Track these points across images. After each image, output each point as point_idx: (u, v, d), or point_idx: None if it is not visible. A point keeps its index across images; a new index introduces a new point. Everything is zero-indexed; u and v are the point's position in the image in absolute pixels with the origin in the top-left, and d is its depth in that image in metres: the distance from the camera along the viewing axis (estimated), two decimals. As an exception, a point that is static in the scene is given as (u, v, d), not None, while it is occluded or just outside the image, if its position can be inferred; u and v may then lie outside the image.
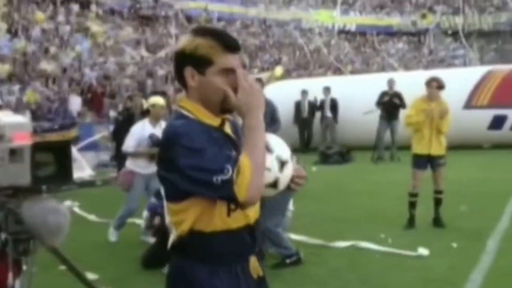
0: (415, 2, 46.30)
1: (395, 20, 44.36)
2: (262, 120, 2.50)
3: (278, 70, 32.15)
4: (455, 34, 42.97)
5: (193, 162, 2.40)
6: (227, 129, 2.71)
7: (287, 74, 32.29)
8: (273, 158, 2.69)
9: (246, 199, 2.38)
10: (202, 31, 2.64)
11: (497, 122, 19.56)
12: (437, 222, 9.67)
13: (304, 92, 22.20)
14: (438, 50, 42.50)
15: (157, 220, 7.99)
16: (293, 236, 8.86)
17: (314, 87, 22.23)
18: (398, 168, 16.21)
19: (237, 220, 2.62)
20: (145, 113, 15.95)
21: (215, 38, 2.59)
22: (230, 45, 2.61)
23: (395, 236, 9.01)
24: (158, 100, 9.97)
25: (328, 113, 21.72)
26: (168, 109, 15.22)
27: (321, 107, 21.99)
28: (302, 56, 38.48)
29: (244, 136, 2.49)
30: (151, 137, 9.53)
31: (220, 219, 2.58)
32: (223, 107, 2.61)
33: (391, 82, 18.98)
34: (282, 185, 2.77)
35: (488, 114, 19.70)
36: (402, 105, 17.99)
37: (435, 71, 21.42)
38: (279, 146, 2.78)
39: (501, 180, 13.68)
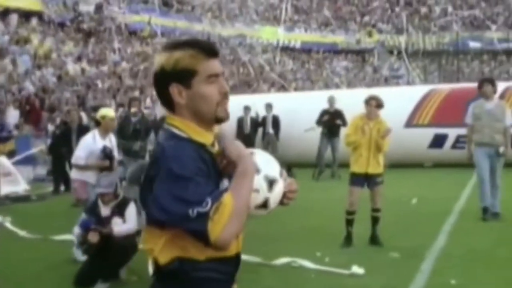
0: (359, 20, 46.87)
1: (339, 38, 44.81)
2: (252, 167, 2.45)
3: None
4: (399, 53, 43.58)
5: (175, 190, 2.28)
6: (215, 149, 2.55)
7: (230, 90, 32.25)
8: (261, 178, 2.56)
9: (218, 239, 2.25)
10: (177, 44, 2.55)
11: (438, 141, 19.83)
12: (374, 240, 9.71)
13: (247, 108, 22.17)
14: (382, 69, 43.04)
15: (91, 237, 7.83)
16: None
17: (257, 103, 22.25)
18: (338, 185, 16.26)
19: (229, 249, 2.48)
20: (82, 128, 15.86)
21: (193, 47, 2.51)
22: (210, 50, 2.54)
23: (331, 254, 9.01)
24: (108, 112, 9.88)
25: (270, 130, 21.73)
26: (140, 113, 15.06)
27: (263, 123, 22.01)
28: (246, 72, 38.55)
29: (233, 179, 2.39)
30: (104, 150, 9.42)
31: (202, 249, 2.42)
32: (218, 116, 2.52)
33: (331, 100, 19.10)
34: (273, 204, 2.65)
35: (429, 133, 19.97)
36: (343, 123, 18.10)
37: (378, 89, 21.71)
38: (267, 164, 2.65)
39: (440, 199, 13.84)
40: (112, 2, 38.97)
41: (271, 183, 2.60)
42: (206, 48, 2.52)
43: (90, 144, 9.53)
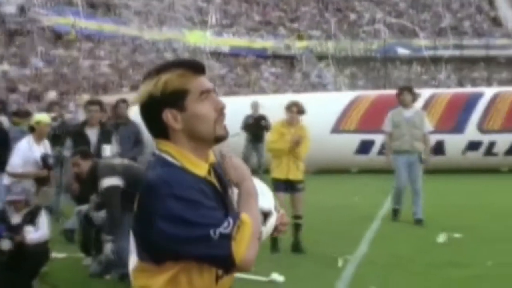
0: (289, 26, 47.10)
1: (268, 43, 44.94)
2: (255, 188, 2.37)
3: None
4: (327, 59, 43.95)
5: (187, 215, 2.13)
6: (213, 179, 2.41)
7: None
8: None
9: (244, 259, 2.12)
10: (160, 68, 2.41)
11: (364, 147, 20.00)
12: (296, 247, 9.67)
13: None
14: (310, 74, 43.32)
15: (3, 244, 7.58)
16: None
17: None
18: (264, 192, 16.24)
19: (223, 286, 2.38)
20: (1, 133, 15.39)
21: (180, 66, 2.38)
22: (197, 67, 2.41)
23: (253, 261, 8.93)
24: (43, 117, 9.67)
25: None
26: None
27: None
28: (173, 76, 38.24)
29: (240, 201, 2.31)
30: (44, 158, 9.19)
31: (208, 286, 2.31)
32: (217, 135, 2.38)
33: (255, 105, 19.09)
34: (265, 236, 2.57)
35: (355, 139, 20.12)
36: (267, 128, 18.05)
37: (305, 95, 21.84)
38: (262, 196, 2.53)
39: (365, 205, 13.94)
40: (36, 3, 38.19)
41: (265, 216, 2.55)
42: (193, 66, 2.41)
43: (25, 151, 9.31)
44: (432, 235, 10.62)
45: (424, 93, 20.63)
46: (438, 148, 18.79)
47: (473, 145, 19.59)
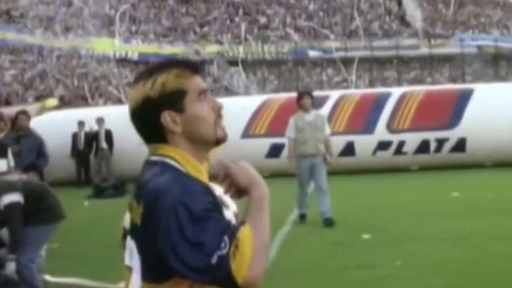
0: (199, 31, 46.93)
1: (178, 49, 44.65)
2: (267, 189, 2.25)
3: (51, 101, 31.24)
4: (238, 63, 43.95)
5: (192, 235, 2.02)
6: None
7: (64, 104, 31.40)
8: (230, 214, 2.30)
9: (247, 278, 2.01)
10: (155, 68, 2.30)
11: (275, 151, 20.00)
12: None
13: (81, 123, 21.61)
14: (222, 79, 43.25)
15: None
16: (49, 278, 8.40)
17: (91, 117, 21.72)
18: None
19: None
20: None
21: (175, 66, 2.29)
22: (194, 67, 2.32)
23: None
24: None
25: (103, 145, 21.25)
26: None
27: (96, 138, 21.49)
28: (80, 85, 37.62)
29: (250, 210, 2.17)
30: None
31: None
32: (218, 137, 2.30)
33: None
34: None
35: (266, 143, 20.10)
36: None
37: (222, 99, 21.64)
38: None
39: (275, 209, 13.71)
40: None
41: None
42: (189, 65, 2.33)
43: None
44: (342, 237, 10.64)
45: (333, 94, 20.83)
46: (348, 149, 18.98)
47: (382, 145, 19.86)
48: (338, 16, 49.16)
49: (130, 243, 2.23)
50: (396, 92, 21.44)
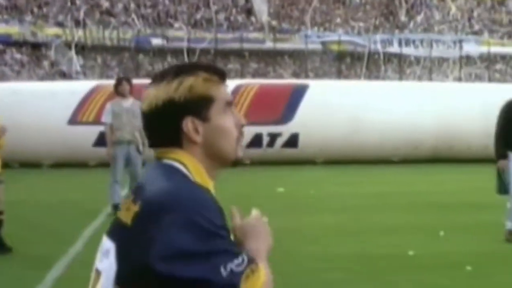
0: (37, 12, 45.42)
1: (13, 29, 43.03)
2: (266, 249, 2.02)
3: None
4: (77, 47, 42.91)
5: (203, 246, 1.80)
6: None
7: None
8: None
9: None
10: (180, 69, 2.07)
11: (103, 139, 19.36)
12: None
13: None
14: (59, 63, 42.07)
15: None
16: None
17: None
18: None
19: None
20: None
21: (204, 69, 2.05)
22: (222, 73, 2.10)
23: None
24: None
25: None
26: None
27: None
28: None
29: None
30: None
31: None
32: (237, 156, 2.08)
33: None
34: None
35: (93, 130, 19.49)
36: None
37: (49, 83, 20.94)
38: None
39: (90, 200, 13.44)
40: None
41: None
42: (217, 71, 2.09)
43: None
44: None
45: (230, 83, 20.62)
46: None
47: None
48: (184, 5, 48.96)
49: (106, 244, 2.00)
50: (230, 84, 21.21)
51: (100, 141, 19.49)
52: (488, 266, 8.54)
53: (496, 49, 44.61)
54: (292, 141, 20.11)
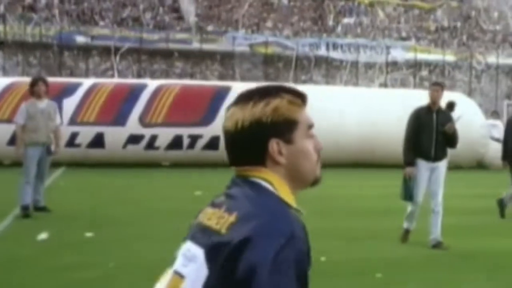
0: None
1: None
2: None
3: None
4: (-1, 44, 41.98)
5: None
6: None
7: None
8: None
9: None
10: (266, 90, 2.15)
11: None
12: None
13: None
14: (-23, 59, 41.12)
15: None
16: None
17: None
18: None
19: None
20: None
21: (288, 92, 2.13)
22: (305, 97, 2.17)
23: None
24: None
25: None
26: None
27: None
28: None
29: None
30: None
31: None
32: (317, 176, 2.17)
33: None
34: None
35: (8, 129, 18.85)
36: None
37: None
38: None
39: None
40: None
41: None
42: (300, 95, 2.16)
43: None
44: (64, 234, 10.17)
45: (86, 82, 20.23)
46: (98, 141, 18.48)
47: (134, 139, 19.50)
48: (109, 3, 48.42)
49: (192, 249, 2.06)
50: (152, 84, 21.15)
51: (14, 140, 19.08)
52: (399, 273, 8.57)
53: (422, 56, 45.37)
54: (213, 143, 19.96)
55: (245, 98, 2.17)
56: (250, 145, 2.13)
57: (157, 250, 9.30)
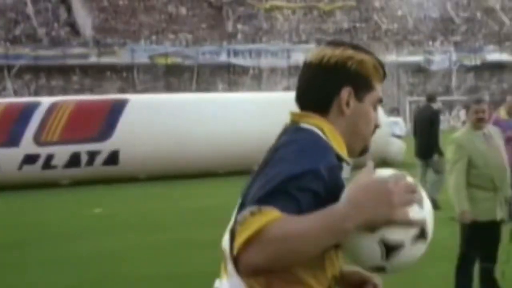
0: None
1: None
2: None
3: None
4: None
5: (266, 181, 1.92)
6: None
7: None
8: (374, 242, 1.90)
9: (238, 258, 1.83)
10: (360, 48, 2.21)
11: None
12: None
13: None
14: None
15: None
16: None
17: None
18: None
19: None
20: None
21: (376, 60, 2.20)
22: (385, 74, 2.26)
23: None
24: None
25: None
26: None
27: None
28: None
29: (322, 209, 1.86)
30: None
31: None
32: (367, 145, 2.22)
33: None
34: (393, 272, 1.97)
35: None
36: None
37: None
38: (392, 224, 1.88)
39: None
40: None
41: (389, 249, 1.91)
42: (384, 70, 2.24)
43: None
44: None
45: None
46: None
47: (29, 159, 19.02)
48: (1, 20, 47.36)
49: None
50: (45, 102, 20.66)
51: None
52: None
53: (323, 58, 46.03)
54: (112, 158, 19.66)
55: (337, 43, 2.23)
56: (325, 83, 2.16)
57: (52, 276, 9.09)
